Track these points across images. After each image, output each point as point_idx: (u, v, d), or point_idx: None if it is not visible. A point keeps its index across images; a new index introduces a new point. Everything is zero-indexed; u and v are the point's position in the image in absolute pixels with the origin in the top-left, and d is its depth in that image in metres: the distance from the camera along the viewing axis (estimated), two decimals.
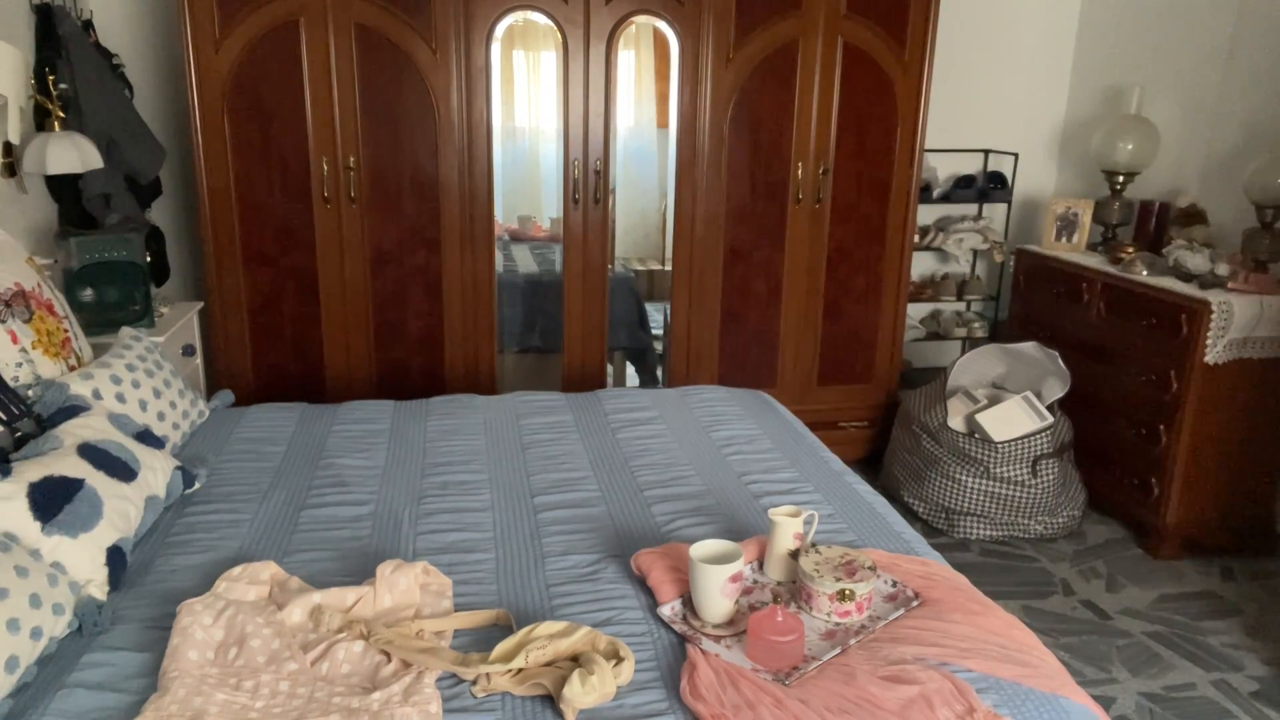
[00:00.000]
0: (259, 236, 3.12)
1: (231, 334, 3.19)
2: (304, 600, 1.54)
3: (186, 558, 1.78)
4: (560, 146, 3.24)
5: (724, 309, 3.46)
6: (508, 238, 3.63)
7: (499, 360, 3.42)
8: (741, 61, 3.22)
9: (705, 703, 1.34)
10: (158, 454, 1.95)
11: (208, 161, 3.02)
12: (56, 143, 2.56)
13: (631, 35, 3.37)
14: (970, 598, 1.65)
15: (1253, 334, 2.91)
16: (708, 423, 2.54)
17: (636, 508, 2.03)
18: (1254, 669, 2.54)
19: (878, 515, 2.02)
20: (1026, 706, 1.38)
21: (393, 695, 1.34)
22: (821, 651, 1.49)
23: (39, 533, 1.54)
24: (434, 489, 2.10)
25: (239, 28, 2.94)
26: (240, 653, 1.43)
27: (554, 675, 1.38)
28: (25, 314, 2.06)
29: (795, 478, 2.18)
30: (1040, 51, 4.04)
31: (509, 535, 1.90)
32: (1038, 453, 3.12)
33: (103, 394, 2.04)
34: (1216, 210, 3.33)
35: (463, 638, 1.54)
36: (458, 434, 2.42)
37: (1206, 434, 2.99)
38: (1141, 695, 2.41)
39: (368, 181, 3.13)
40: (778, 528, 1.69)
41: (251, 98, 3.00)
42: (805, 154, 3.35)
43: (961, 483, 3.18)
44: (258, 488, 2.08)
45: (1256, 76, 3.21)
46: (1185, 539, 3.11)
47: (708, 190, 3.32)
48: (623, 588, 1.69)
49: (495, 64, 3.13)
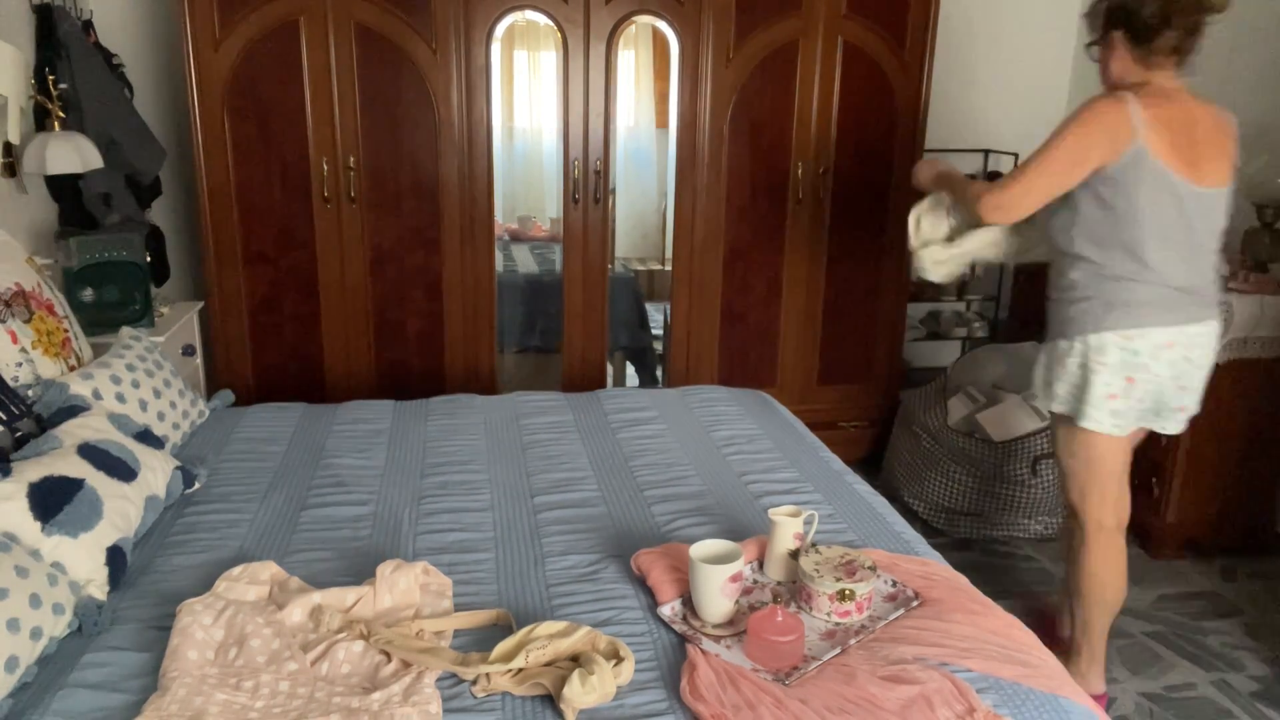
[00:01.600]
0: (259, 236, 3.12)
1: (231, 334, 3.19)
2: (304, 600, 1.54)
3: (186, 558, 1.78)
4: (560, 146, 3.24)
5: (724, 309, 3.46)
6: (508, 238, 3.63)
7: (499, 360, 3.42)
8: (741, 61, 3.22)
9: (705, 703, 1.34)
10: (158, 454, 1.95)
11: (208, 161, 3.02)
12: (56, 143, 2.57)
13: (631, 35, 3.37)
14: (970, 598, 1.65)
15: (1253, 334, 2.91)
16: (708, 423, 2.54)
17: (636, 508, 2.03)
18: (1254, 669, 2.54)
19: (878, 515, 2.02)
20: (1026, 706, 1.38)
21: (393, 695, 1.34)
22: (821, 651, 1.49)
23: (39, 533, 1.54)
24: (434, 489, 2.10)
25: (239, 28, 2.94)
26: (240, 653, 1.43)
27: (554, 675, 1.38)
28: (25, 314, 2.07)
29: (795, 478, 2.18)
30: (1040, 51, 4.04)
31: (509, 535, 1.90)
32: (1038, 453, 3.12)
33: (103, 394, 2.04)
34: None
35: (463, 638, 1.54)
36: (458, 434, 2.42)
37: (1206, 434, 2.99)
38: (1141, 695, 2.41)
39: (368, 181, 3.13)
40: (778, 528, 1.69)
41: (251, 98, 3.00)
42: (805, 154, 3.35)
43: (961, 483, 3.18)
44: (258, 488, 2.08)
45: (1256, 76, 3.21)
46: (1185, 539, 3.11)
47: (708, 190, 3.32)
48: (623, 588, 1.69)
49: (495, 64, 3.13)
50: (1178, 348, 2.09)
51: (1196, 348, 2.12)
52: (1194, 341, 2.11)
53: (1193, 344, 2.11)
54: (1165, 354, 2.09)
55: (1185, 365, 2.12)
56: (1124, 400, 2.11)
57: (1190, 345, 2.10)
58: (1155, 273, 2.05)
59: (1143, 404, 2.15)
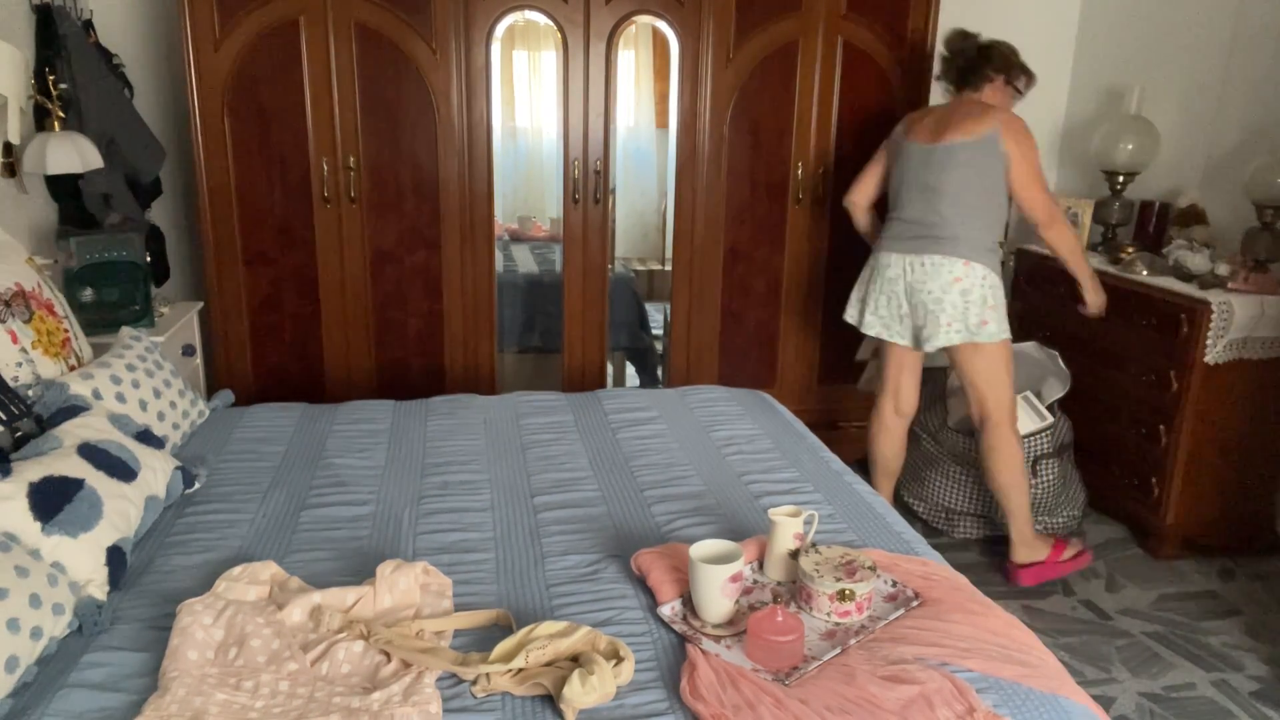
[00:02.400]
0: (259, 236, 3.12)
1: (231, 334, 3.19)
2: (304, 600, 1.54)
3: (186, 558, 1.78)
4: (560, 146, 3.24)
5: (724, 309, 3.46)
6: (508, 238, 3.63)
7: (499, 360, 3.42)
8: (741, 61, 3.22)
9: (705, 703, 1.34)
10: (158, 454, 1.95)
11: (208, 161, 3.02)
12: (56, 143, 2.57)
13: (631, 35, 3.37)
14: (970, 598, 1.65)
15: (1253, 334, 2.91)
16: (708, 423, 2.54)
17: (636, 508, 2.03)
18: (1254, 669, 2.54)
19: (878, 515, 2.02)
20: (1026, 706, 1.38)
21: (393, 695, 1.34)
22: (821, 651, 1.49)
23: (39, 533, 1.54)
24: (434, 489, 2.10)
25: (239, 28, 2.94)
26: (240, 653, 1.43)
27: (554, 675, 1.38)
28: (25, 314, 2.07)
29: (795, 478, 2.18)
30: (1040, 51, 4.03)
31: (509, 535, 1.90)
32: (1038, 453, 3.11)
33: (103, 394, 2.04)
34: (1216, 210, 3.33)
35: (463, 638, 1.54)
36: (458, 434, 2.42)
37: (1206, 434, 2.99)
38: (1141, 695, 2.41)
39: (368, 181, 3.13)
40: (778, 528, 1.69)
41: (251, 98, 3.00)
42: (805, 154, 3.35)
43: (961, 483, 3.18)
44: (258, 488, 2.08)
45: (1256, 76, 3.21)
46: (1185, 539, 3.11)
47: (708, 190, 3.32)
48: (623, 588, 1.69)
49: (495, 64, 3.13)
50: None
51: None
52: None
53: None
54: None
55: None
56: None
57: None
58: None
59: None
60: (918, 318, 2.78)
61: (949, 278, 2.69)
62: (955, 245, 2.69)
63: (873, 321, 2.88)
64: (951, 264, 2.69)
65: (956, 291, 2.69)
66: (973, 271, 2.69)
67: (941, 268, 2.69)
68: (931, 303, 2.72)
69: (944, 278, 2.69)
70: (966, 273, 2.69)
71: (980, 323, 2.70)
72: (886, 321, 2.85)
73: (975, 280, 2.69)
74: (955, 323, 2.71)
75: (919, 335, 2.81)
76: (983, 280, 2.69)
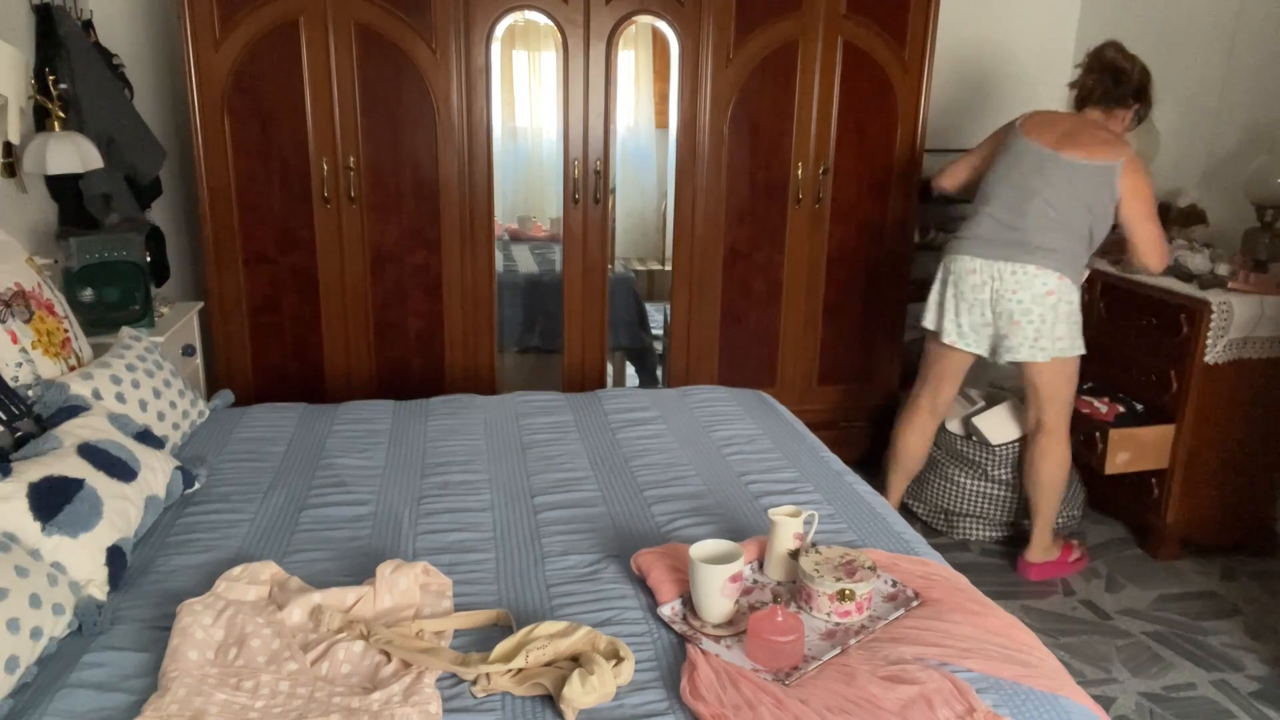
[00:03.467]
0: (259, 236, 3.12)
1: (231, 334, 3.19)
2: (304, 600, 1.54)
3: (186, 558, 1.78)
4: (560, 146, 3.24)
5: (724, 309, 3.46)
6: (508, 238, 3.63)
7: (499, 360, 3.42)
8: (741, 62, 3.22)
9: (705, 703, 1.34)
10: (158, 454, 1.95)
11: (208, 161, 3.02)
12: (56, 143, 2.56)
13: (631, 35, 3.37)
14: (970, 598, 1.65)
15: (1253, 334, 2.91)
16: (707, 423, 2.54)
17: (636, 508, 2.03)
18: (1254, 669, 2.54)
19: (878, 515, 2.02)
20: (1026, 706, 1.38)
21: (393, 695, 1.35)
22: (821, 651, 1.49)
23: (39, 533, 1.54)
24: (434, 489, 2.10)
25: (239, 28, 2.94)
26: (240, 653, 1.43)
27: (554, 675, 1.38)
28: (25, 314, 2.07)
29: (795, 478, 2.18)
30: (1040, 51, 4.04)
31: (509, 535, 1.90)
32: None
33: (103, 394, 2.04)
34: (1216, 210, 3.33)
35: (463, 638, 1.54)
36: (458, 434, 2.42)
37: (1206, 434, 2.99)
38: (1141, 695, 2.41)
39: (368, 181, 3.13)
40: (778, 528, 1.69)
41: (251, 98, 3.00)
42: (805, 154, 3.35)
43: (960, 484, 3.18)
44: (258, 488, 2.08)
45: (1256, 76, 3.22)
46: (1185, 539, 3.11)
47: (708, 190, 3.32)
48: (623, 588, 1.69)
49: (495, 64, 3.13)
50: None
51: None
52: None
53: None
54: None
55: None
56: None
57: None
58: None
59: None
60: (1000, 327, 2.74)
61: (1042, 289, 2.67)
62: (1049, 257, 2.66)
63: (951, 329, 2.84)
64: (1046, 276, 2.66)
65: (1048, 304, 2.68)
66: (1065, 286, 2.68)
67: (1036, 279, 2.67)
68: (1020, 313, 2.69)
69: (1037, 289, 2.67)
70: (1060, 286, 2.68)
71: (1059, 337, 2.71)
72: (964, 331, 2.83)
73: (1065, 295, 2.69)
74: (1043, 338, 2.70)
75: (998, 345, 2.78)
76: (1071, 296, 2.71)
